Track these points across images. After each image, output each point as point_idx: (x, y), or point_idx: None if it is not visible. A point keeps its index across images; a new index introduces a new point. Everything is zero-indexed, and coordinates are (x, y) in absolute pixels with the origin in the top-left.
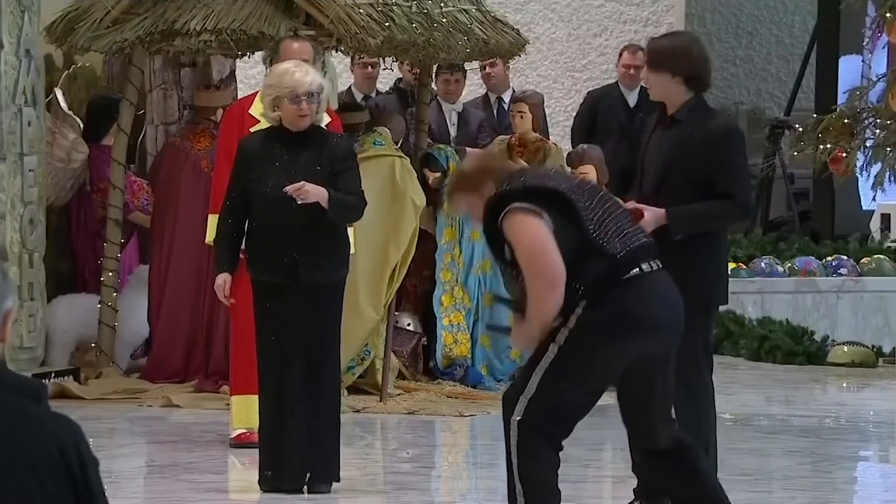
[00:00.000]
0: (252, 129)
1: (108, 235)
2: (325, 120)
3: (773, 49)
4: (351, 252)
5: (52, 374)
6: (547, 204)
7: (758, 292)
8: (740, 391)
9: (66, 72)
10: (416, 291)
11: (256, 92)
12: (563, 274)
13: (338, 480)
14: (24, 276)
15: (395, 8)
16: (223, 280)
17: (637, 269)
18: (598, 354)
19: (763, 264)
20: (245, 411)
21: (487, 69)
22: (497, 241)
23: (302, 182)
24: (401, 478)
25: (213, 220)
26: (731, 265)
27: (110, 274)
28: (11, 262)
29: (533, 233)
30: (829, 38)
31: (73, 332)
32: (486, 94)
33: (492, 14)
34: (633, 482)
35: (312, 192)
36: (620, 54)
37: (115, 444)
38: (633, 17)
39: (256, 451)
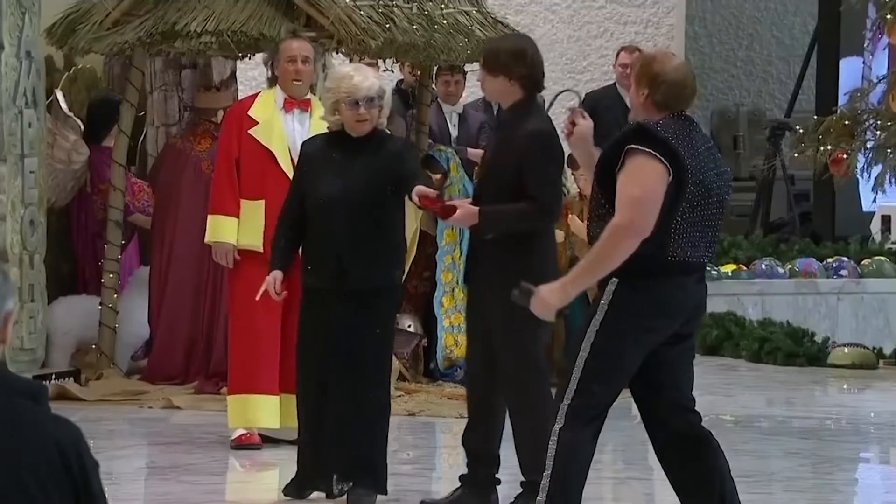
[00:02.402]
0: (250, 132)
1: (109, 237)
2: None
3: (774, 51)
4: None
5: (53, 376)
6: (675, 169)
7: (758, 294)
8: (741, 393)
9: (67, 73)
10: (417, 293)
11: (257, 93)
12: (648, 232)
13: (384, 493)
14: (24, 277)
15: (395, 10)
16: (273, 278)
17: (682, 276)
18: (627, 354)
19: (763, 266)
20: (242, 411)
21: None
22: (609, 168)
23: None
24: (401, 479)
25: (212, 221)
26: (732, 267)
27: (111, 275)
28: (12, 263)
29: (654, 181)
30: (829, 40)
31: (73, 334)
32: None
33: (492, 16)
34: (635, 484)
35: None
36: (617, 55)
37: (115, 446)
38: (633, 19)
39: (257, 452)
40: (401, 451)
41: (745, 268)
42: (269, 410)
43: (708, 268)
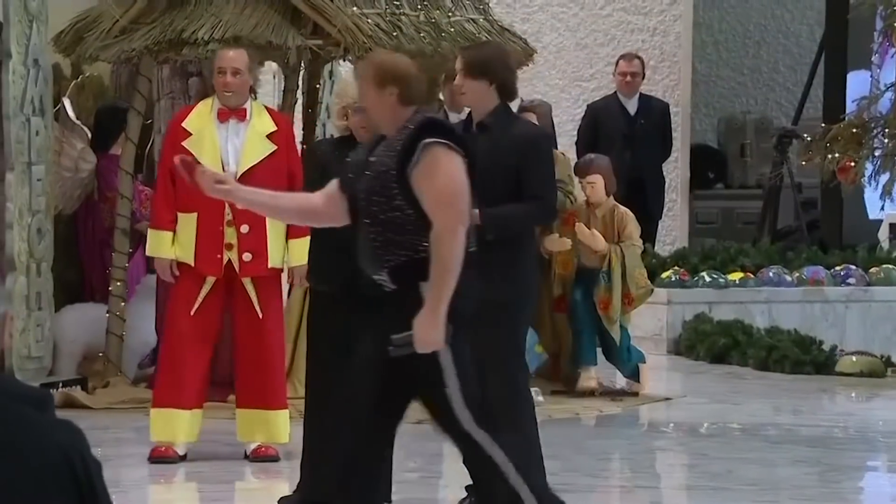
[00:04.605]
0: (183, 143)
1: (116, 245)
2: (269, 127)
3: (781, 58)
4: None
5: (60, 384)
6: (466, 155)
7: (765, 302)
8: (747, 401)
9: (74, 81)
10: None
11: (193, 105)
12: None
13: (389, 501)
14: (31, 285)
15: (402, 17)
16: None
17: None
18: (466, 349)
19: (771, 274)
20: (164, 424)
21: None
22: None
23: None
24: (407, 487)
25: (151, 235)
26: (739, 275)
27: (118, 283)
28: (19, 271)
29: (460, 172)
30: (836, 48)
31: (80, 342)
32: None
33: (499, 24)
34: (642, 493)
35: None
36: (617, 63)
37: (122, 454)
38: (640, 27)
39: (272, 463)
40: (407, 459)
41: (752, 275)
42: (191, 425)
43: (715, 275)
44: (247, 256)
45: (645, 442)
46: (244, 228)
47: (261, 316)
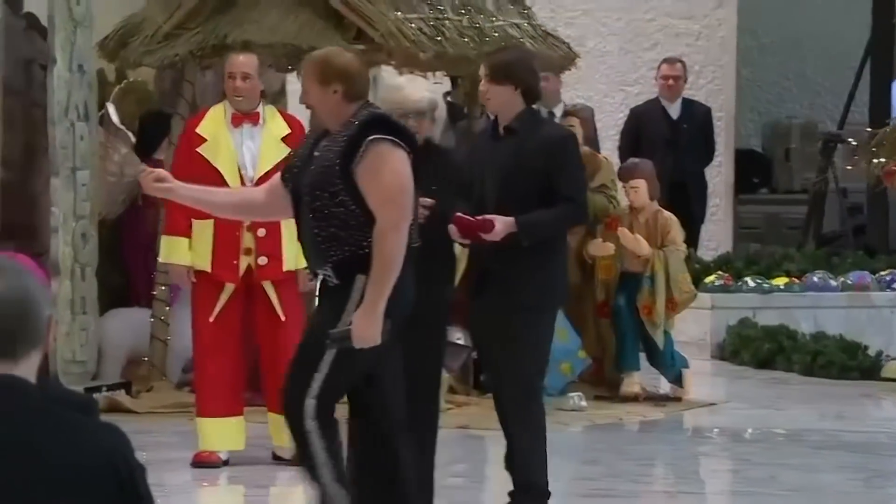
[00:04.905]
0: (198, 150)
1: (160, 249)
2: (283, 130)
3: (826, 62)
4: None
5: (104, 388)
6: (411, 152)
7: (811, 307)
8: (791, 406)
9: (119, 86)
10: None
11: (206, 109)
12: (411, 218)
13: None
14: (76, 290)
15: (446, 22)
16: None
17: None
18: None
19: (816, 279)
20: (207, 433)
21: (542, 82)
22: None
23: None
24: (451, 493)
25: (165, 241)
26: (784, 280)
27: (162, 288)
28: (64, 275)
29: (405, 169)
30: (882, 52)
31: (124, 346)
32: (538, 107)
33: (543, 28)
34: (686, 498)
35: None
36: (659, 67)
37: (165, 458)
38: (684, 31)
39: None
40: (451, 465)
41: (797, 280)
42: (233, 432)
43: (759, 280)
44: (262, 260)
45: (688, 447)
46: (261, 232)
47: (283, 318)
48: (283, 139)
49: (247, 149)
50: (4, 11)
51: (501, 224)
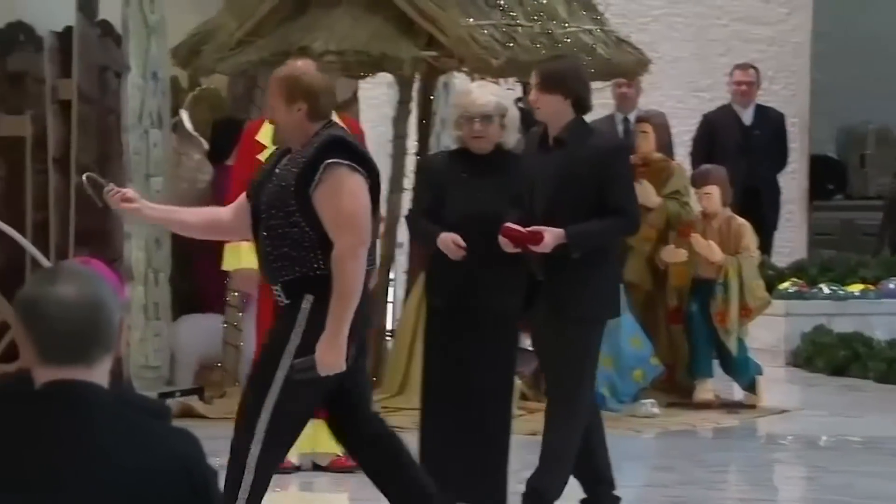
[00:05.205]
0: (259, 156)
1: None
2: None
3: None
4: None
5: (178, 393)
6: (369, 177)
7: (886, 314)
8: (867, 414)
9: (192, 93)
10: None
11: (265, 117)
12: (369, 242)
13: None
14: (149, 295)
15: (518, 29)
16: (449, 237)
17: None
18: None
19: (892, 285)
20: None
21: (623, 88)
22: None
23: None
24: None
25: (229, 248)
26: (859, 287)
27: (235, 294)
28: (137, 281)
29: (362, 193)
30: None
31: (197, 352)
32: (613, 113)
33: (615, 34)
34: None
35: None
36: (731, 73)
37: None
38: (757, 37)
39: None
40: (523, 471)
41: (872, 287)
42: (311, 437)
43: (833, 287)
44: None
45: (762, 455)
46: None
47: None
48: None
49: None
50: (79, 19)
51: (551, 236)
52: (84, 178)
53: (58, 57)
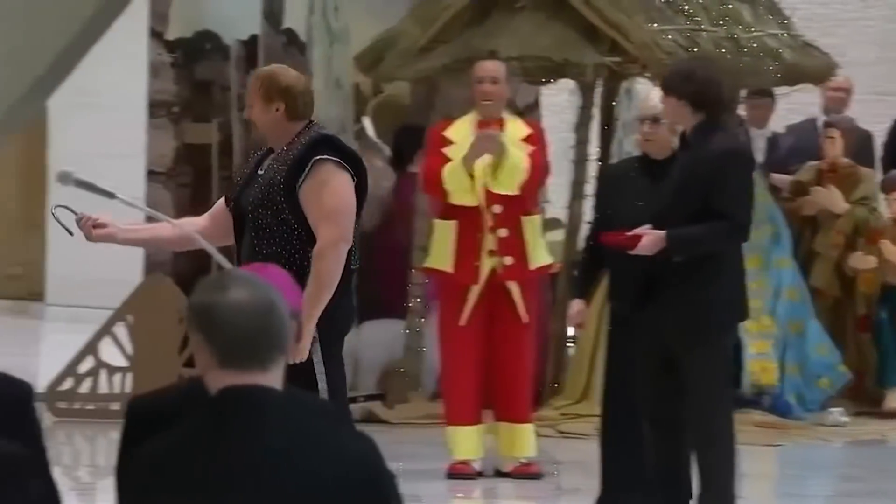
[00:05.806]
0: (444, 150)
1: (414, 262)
2: (523, 132)
3: None
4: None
5: (361, 398)
6: (356, 175)
7: None
8: None
9: (374, 100)
10: None
11: (451, 119)
12: (351, 240)
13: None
14: None
15: (702, 34)
16: (575, 308)
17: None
18: (342, 371)
19: None
20: (457, 442)
21: (831, 91)
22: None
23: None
24: None
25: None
26: None
27: (416, 300)
28: None
29: (348, 190)
30: None
31: (380, 357)
32: (815, 118)
33: (802, 38)
34: None
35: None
36: None
37: (419, 469)
38: None
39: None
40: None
41: None
42: (476, 440)
43: None
44: (508, 260)
45: None
46: (503, 233)
47: (525, 321)
48: (524, 139)
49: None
50: (265, 28)
51: (648, 240)
52: (53, 209)
53: (244, 65)
